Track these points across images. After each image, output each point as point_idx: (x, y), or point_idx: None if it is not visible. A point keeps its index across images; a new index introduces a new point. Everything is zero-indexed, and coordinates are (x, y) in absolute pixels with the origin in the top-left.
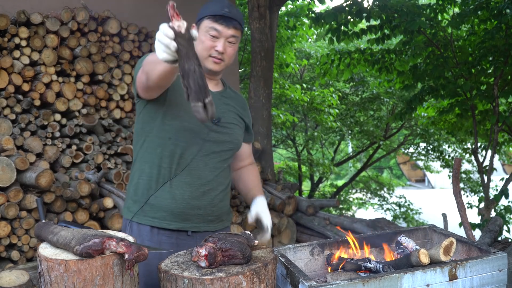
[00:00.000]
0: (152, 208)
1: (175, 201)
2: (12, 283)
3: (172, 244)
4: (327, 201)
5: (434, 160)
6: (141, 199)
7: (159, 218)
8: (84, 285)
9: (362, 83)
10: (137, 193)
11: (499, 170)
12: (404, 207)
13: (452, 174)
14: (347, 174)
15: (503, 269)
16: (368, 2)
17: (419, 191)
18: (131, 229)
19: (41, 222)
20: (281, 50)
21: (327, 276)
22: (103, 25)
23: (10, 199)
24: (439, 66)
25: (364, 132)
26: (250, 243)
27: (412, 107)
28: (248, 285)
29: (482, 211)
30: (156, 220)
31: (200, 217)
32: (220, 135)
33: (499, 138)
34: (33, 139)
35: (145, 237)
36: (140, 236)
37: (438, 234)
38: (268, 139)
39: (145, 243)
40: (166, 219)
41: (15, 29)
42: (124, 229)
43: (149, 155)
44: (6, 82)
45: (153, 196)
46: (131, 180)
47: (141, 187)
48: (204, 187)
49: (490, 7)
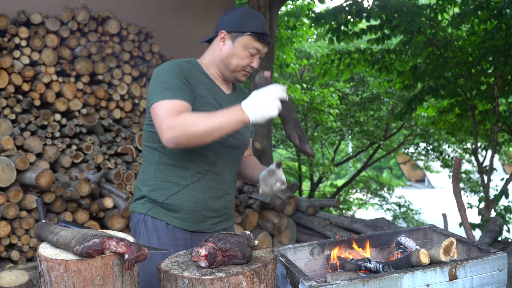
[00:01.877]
0: (170, 207)
1: (196, 203)
2: (12, 283)
3: (186, 240)
4: (327, 201)
5: (434, 160)
6: (159, 197)
7: (178, 219)
8: (84, 285)
9: (362, 83)
10: (155, 190)
11: (499, 170)
12: (404, 207)
13: (452, 174)
14: (347, 174)
15: (503, 269)
16: (368, 2)
17: (419, 191)
18: (145, 224)
19: (41, 222)
20: (281, 50)
21: (327, 276)
22: (103, 25)
23: (10, 199)
24: (439, 66)
25: (364, 132)
26: (250, 243)
27: (412, 107)
28: (248, 285)
29: (482, 211)
30: (176, 220)
31: (215, 219)
32: (236, 140)
33: (499, 138)
34: (33, 139)
35: (161, 232)
36: (156, 231)
37: (438, 234)
38: (268, 139)
39: (161, 238)
40: (186, 221)
41: (15, 29)
42: (136, 224)
43: (170, 157)
44: (6, 82)
45: (174, 196)
46: (145, 176)
47: (159, 185)
48: (222, 191)
49: (490, 7)
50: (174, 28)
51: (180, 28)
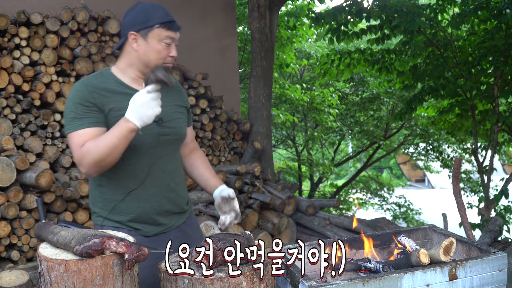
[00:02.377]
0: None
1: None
2: (12, 283)
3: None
4: (327, 201)
5: (434, 160)
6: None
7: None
8: (84, 285)
9: (362, 83)
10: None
11: (499, 170)
12: (404, 207)
13: (452, 174)
14: (347, 174)
15: (503, 269)
16: (368, 2)
17: (419, 191)
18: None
19: (41, 222)
20: (281, 50)
21: (327, 276)
22: (103, 25)
23: (10, 199)
24: (439, 66)
25: (364, 132)
26: (250, 243)
27: (412, 107)
28: (248, 285)
29: (482, 211)
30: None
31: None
32: (169, 136)
33: (499, 138)
34: (33, 139)
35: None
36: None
37: (438, 234)
38: (268, 139)
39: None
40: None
41: (15, 29)
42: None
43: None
44: (6, 82)
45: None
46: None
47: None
48: (169, 192)
49: (490, 7)
50: None
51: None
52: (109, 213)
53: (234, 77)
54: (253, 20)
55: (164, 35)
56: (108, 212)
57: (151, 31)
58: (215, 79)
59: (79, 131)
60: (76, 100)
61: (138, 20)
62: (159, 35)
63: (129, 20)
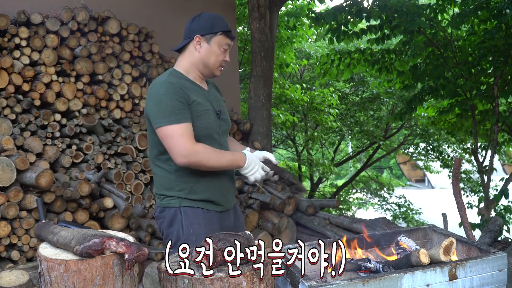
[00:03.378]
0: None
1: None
2: (12, 283)
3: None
4: (327, 201)
5: (434, 160)
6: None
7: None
8: (84, 285)
9: (362, 83)
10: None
11: (499, 170)
12: (404, 207)
13: (452, 174)
14: (347, 174)
15: (503, 269)
16: (368, 2)
17: (419, 191)
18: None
19: (41, 222)
20: (281, 50)
21: (327, 276)
22: (103, 25)
23: (10, 199)
24: (439, 66)
25: (364, 132)
26: (250, 243)
27: (412, 107)
28: (248, 285)
29: (482, 211)
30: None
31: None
32: (226, 126)
33: (499, 138)
34: (33, 139)
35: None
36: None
37: (438, 234)
38: (268, 139)
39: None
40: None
41: (15, 29)
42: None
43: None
44: (6, 82)
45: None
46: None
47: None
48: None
49: (490, 7)
50: (174, 28)
51: (180, 28)
52: (188, 193)
53: (234, 77)
54: (253, 20)
55: (224, 42)
56: (187, 193)
57: (215, 37)
58: (215, 79)
59: (181, 124)
60: (171, 95)
61: (205, 26)
62: (220, 41)
63: (196, 25)
